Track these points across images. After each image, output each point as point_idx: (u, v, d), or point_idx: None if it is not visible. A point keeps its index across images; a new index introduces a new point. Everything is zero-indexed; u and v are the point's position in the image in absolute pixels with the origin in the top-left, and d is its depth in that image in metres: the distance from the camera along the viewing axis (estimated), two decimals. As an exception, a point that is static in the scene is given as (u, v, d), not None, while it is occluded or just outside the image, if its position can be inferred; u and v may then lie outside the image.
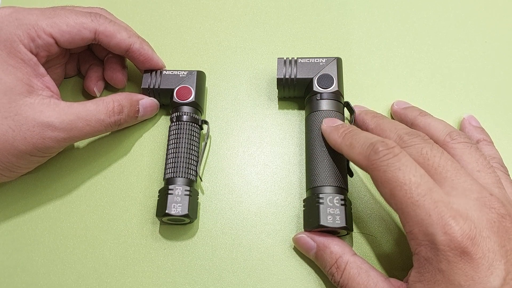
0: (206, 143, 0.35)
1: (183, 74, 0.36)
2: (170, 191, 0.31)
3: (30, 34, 0.30)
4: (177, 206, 0.31)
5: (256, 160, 0.36)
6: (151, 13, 0.43)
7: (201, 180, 0.35)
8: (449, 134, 0.29)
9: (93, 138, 0.37)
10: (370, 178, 0.27)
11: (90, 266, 0.32)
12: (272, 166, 0.36)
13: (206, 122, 0.36)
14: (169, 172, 0.33)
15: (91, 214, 0.34)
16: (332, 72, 0.35)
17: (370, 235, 0.33)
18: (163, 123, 0.37)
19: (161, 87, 0.36)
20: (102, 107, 0.32)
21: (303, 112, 0.37)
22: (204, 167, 0.36)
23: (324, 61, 0.35)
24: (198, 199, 0.34)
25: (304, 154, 0.35)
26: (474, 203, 0.24)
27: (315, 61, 0.35)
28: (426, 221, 0.23)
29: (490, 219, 0.23)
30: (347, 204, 0.30)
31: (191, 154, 0.33)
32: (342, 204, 0.30)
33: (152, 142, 0.37)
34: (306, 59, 0.35)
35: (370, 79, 0.39)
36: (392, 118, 0.37)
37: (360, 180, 0.35)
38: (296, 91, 0.36)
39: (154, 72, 0.36)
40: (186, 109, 0.35)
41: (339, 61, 0.36)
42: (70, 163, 0.36)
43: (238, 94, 0.39)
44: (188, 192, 0.32)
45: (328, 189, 0.31)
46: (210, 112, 0.38)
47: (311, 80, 0.35)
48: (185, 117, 0.34)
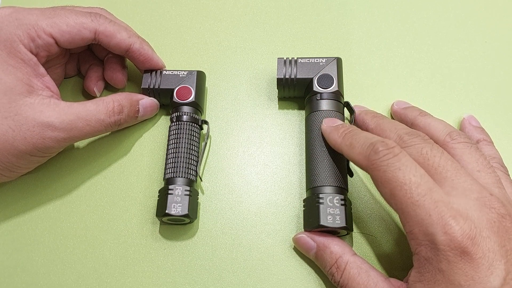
0: (206, 143, 0.35)
1: (183, 74, 0.36)
2: (170, 191, 0.31)
3: (30, 34, 0.30)
4: (177, 206, 0.31)
5: (256, 160, 0.36)
6: (151, 13, 0.43)
7: (201, 180, 0.35)
8: (449, 134, 0.29)
9: (93, 138, 0.37)
10: (370, 178, 0.27)
11: (90, 266, 0.32)
12: (272, 166, 0.36)
13: (206, 122, 0.36)
14: (169, 172, 0.33)
15: (91, 214, 0.34)
16: (332, 72, 0.35)
17: (370, 235, 0.33)
18: (163, 123, 0.37)
19: (161, 87, 0.36)
20: (102, 107, 0.32)
21: (303, 112, 0.37)
22: (204, 167, 0.36)
23: (324, 61, 0.35)
24: (198, 199, 0.34)
25: (304, 154, 0.35)
26: (474, 203, 0.24)
27: (315, 61, 0.35)
28: (426, 221, 0.23)
29: (490, 219, 0.23)
30: (347, 204, 0.30)
31: (191, 154, 0.33)
32: (342, 204, 0.30)
33: (152, 142, 0.37)
34: (306, 59, 0.35)
35: (370, 79, 0.39)
36: (392, 118, 0.37)
37: (360, 180, 0.35)
38: (296, 91, 0.36)
39: (154, 72, 0.36)
40: (186, 109, 0.35)
41: (339, 61, 0.36)
42: (70, 163, 0.36)
43: (238, 94, 0.39)
44: (188, 192, 0.32)
45: (328, 189, 0.31)
46: (210, 112, 0.38)
47: (311, 80, 0.35)
48: (185, 117, 0.34)
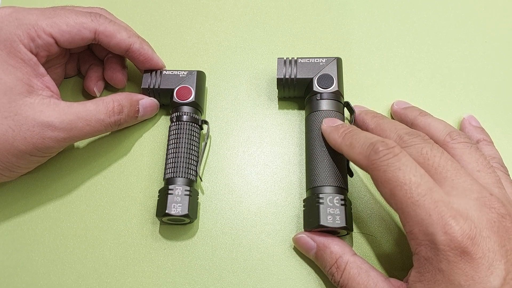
0: (206, 143, 0.35)
1: (183, 74, 0.36)
2: (170, 191, 0.31)
3: (30, 34, 0.30)
4: (177, 206, 0.31)
5: (256, 160, 0.36)
6: (151, 13, 0.43)
7: (201, 180, 0.35)
8: (449, 134, 0.29)
9: (93, 138, 0.37)
10: (370, 178, 0.27)
11: (90, 266, 0.32)
12: (272, 166, 0.36)
13: (206, 122, 0.36)
14: (169, 172, 0.33)
15: (91, 214, 0.34)
16: (332, 72, 0.35)
17: (370, 235, 0.33)
18: (163, 123, 0.37)
19: (161, 87, 0.36)
20: (102, 107, 0.32)
21: (303, 112, 0.37)
22: (204, 167, 0.36)
23: (324, 61, 0.35)
24: (198, 199, 0.34)
25: (304, 154, 0.35)
26: (474, 203, 0.24)
27: (315, 61, 0.35)
28: (426, 221, 0.23)
29: (490, 219, 0.23)
30: (347, 204, 0.30)
31: (191, 154, 0.33)
32: (342, 204, 0.30)
33: (152, 142, 0.37)
34: (306, 59, 0.35)
35: (370, 79, 0.39)
36: (392, 118, 0.37)
37: (360, 180, 0.35)
38: (296, 91, 0.36)
39: (154, 72, 0.36)
40: (186, 109, 0.35)
41: (339, 61, 0.36)
42: (70, 163, 0.36)
43: (238, 94, 0.39)
44: (188, 192, 0.32)
45: (328, 189, 0.31)
46: (210, 112, 0.38)
47: (311, 80, 0.35)
48: (185, 117, 0.34)
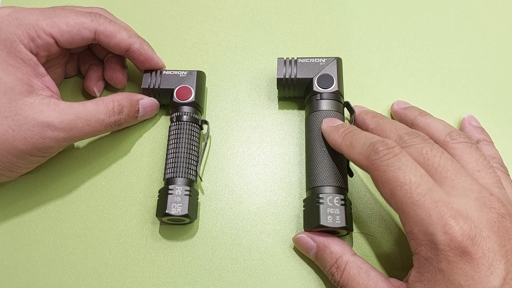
0: (206, 143, 0.35)
1: (183, 74, 0.36)
2: (170, 191, 0.31)
3: (30, 34, 0.30)
4: (177, 206, 0.31)
5: (256, 160, 0.36)
6: (151, 13, 0.43)
7: (201, 180, 0.35)
8: (449, 134, 0.29)
9: (93, 138, 0.37)
10: (370, 178, 0.27)
11: (90, 266, 0.32)
12: (272, 166, 0.36)
13: (206, 122, 0.36)
14: (169, 172, 0.33)
15: (91, 214, 0.34)
16: (332, 72, 0.35)
17: (370, 235, 0.33)
18: (163, 123, 0.37)
19: (161, 87, 0.36)
20: (102, 107, 0.32)
21: (303, 112, 0.37)
22: (204, 167, 0.36)
23: (324, 61, 0.35)
24: (198, 199, 0.34)
25: (304, 154, 0.35)
26: (474, 203, 0.24)
27: (315, 61, 0.35)
28: (426, 221, 0.23)
29: (490, 219, 0.23)
30: (347, 204, 0.30)
31: (191, 154, 0.33)
32: (342, 204, 0.30)
33: (152, 142, 0.37)
34: (306, 59, 0.35)
35: (370, 79, 0.39)
36: (392, 118, 0.37)
37: (360, 180, 0.35)
38: (296, 91, 0.36)
39: (154, 72, 0.36)
40: (186, 109, 0.35)
41: (339, 61, 0.36)
42: (70, 163, 0.36)
43: (238, 94, 0.39)
44: (188, 192, 0.32)
45: (328, 189, 0.31)
46: (210, 112, 0.38)
47: (311, 80, 0.35)
48: (185, 117, 0.34)
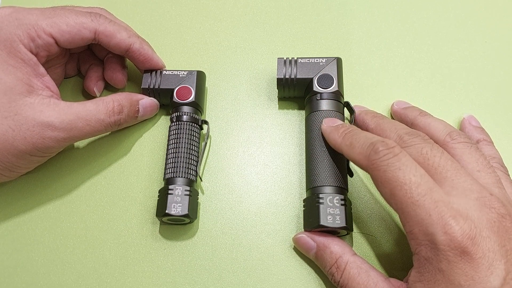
0: (206, 143, 0.35)
1: (183, 74, 0.36)
2: (170, 191, 0.31)
3: (30, 34, 0.30)
4: (177, 206, 0.31)
5: (256, 160, 0.36)
6: (151, 13, 0.43)
7: (201, 180, 0.35)
8: (449, 134, 0.29)
9: (93, 138, 0.37)
10: (370, 178, 0.27)
11: (90, 266, 0.32)
12: (272, 166, 0.36)
13: (206, 122, 0.36)
14: (169, 172, 0.33)
15: (91, 214, 0.34)
16: (332, 72, 0.35)
17: (370, 235, 0.33)
18: (163, 123, 0.37)
19: (161, 87, 0.36)
20: (102, 107, 0.32)
21: (303, 112, 0.37)
22: (204, 167, 0.36)
23: (324, 61, 0.35)
24: (198, 199, 0.34)
25: (304, 154, 0.35)
26: (474, 203, 0.24)
27: (315, 61, 0.35)
28: (426, 221, 0.23)
29: (490, 219, 0.23)
30: (347, 204, 0.30)
31: (191, 154, 0.33)
32: (342, 204, 0.30)
33: (152, 142, 0.37)
34: (306, 59, 0.35)
35: (370, 79, 0.39)
36: (392, 118, 0.37)
37: (360, 180, 0.35)
38: (296, 91, 0.36)
39: (154, 72, 0.36)
40: (186, 109, 0.35)
41: (339, 61, 0.36)
42: (70, 163, 0.36)
43: (238, 94, 0.39)
44: (188, 192, 0.32)
45: (328, 189, 0.31)
46: (210, 112, 0.38)
47: (311, 80, 0.35)
48: (185, 117, 0.34)
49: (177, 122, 0.34)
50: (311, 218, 0.30)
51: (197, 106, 0.36)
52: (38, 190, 0.35)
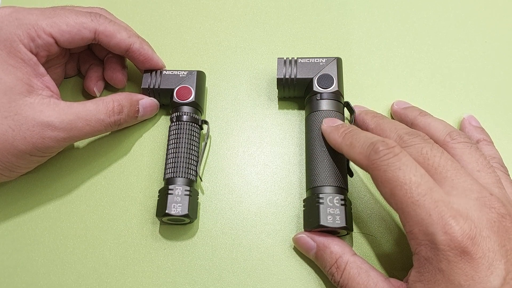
0: (206, 143, 0.35)
1: (183, 74, 0.36)
2: (170, 191, 0.31)
3: (30, 34, 0.30)
4: (177, 206, 0.31)
5: (256, 160, 0.36)
6: (151, 13, 0.43)
7: (201, 180, 0.35)
8: (449, 134, 0.29)
9: (93, 138, 0.37)
10: (370, 178, 0.27)
11: (90, 266, 0.32)
12: (272, 166, 0.36)
13: (206, 122, 0.36)
14: (169, 172, 0.33)
15: (91, 214, 0.34)
16: (332, 72, 0.35)
17: (370, 235, 0.33)
18: (163, 123, 0.37)
19: (161, 87, 0.36)
20: (102, 107, 0.32)
21: (303, 112, 0.37)
22: (204, 167, 0.36)
23: (324, 61, 0.35)
24: (198, 199, 0.34)
25: (304, 154, 0.35)
26: (474, 203, 0.24)
27: (315, 61, 0.35)
28: (426, 221, 0.23)
29: (490, 219, 0.23)
30: (347, 204, 0.30)
31: (191, 154, 0.33)
32: (342, 204, 0.30)
33: (152, 142, 0.37)
34: (306, 59, 0.35)
35: (370, 79, 0.39)
36: (392, 118, 0.37)
37: (360, 180, 0.35)
38: (296, 91, 0.36)
39: (154, 72, 0.36)
40: (186, 109, 0.35)
41: (339, 61, 0.36)
42: (70, 163, 0.36)
43: (238, 94, 0.39)
44: (188, 192, 0.32)
45: (328, 189, 0.31)
46: (210, 112, 0.38)
47: (311, 80, 0.35)
48: (185, 117, 0.34)
49: (177, 122, 0.34)
50: (311, 218, 0.30)
51: (197, 106, 0.36)
52: (38, 190, 0.35)
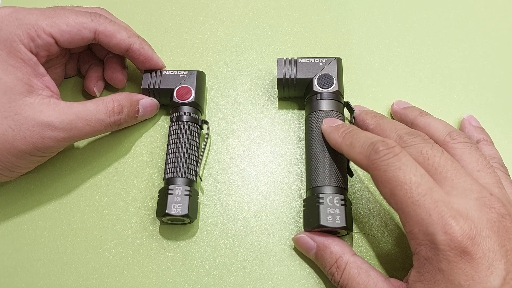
0: (206, 143, 0.35)
1: (183, 74, 0.36)
2: (170, 191, 0.31)
3: (30, 34, 0.30)
4: (177, 206, 0.31)
5: (256, 160, 0.36)
6: (151, 13, 0.43)
7: (201, 180, 0.35)
8: (449, 134, 0.29)
9: (93, 138, 0.37)
10: (370, 178, 0.27)
11: (90, 266, 0.32)
12: (272, 166, 0.35)
13: (206, 122, 0.36)
14: (169, 172, 0.33)
15: (91, 214, 0.34)
16: (332, 72, 0.35)
17: (370, 235, 0.33)
18: (163, 123, 0.37)
19: (161, 87, 0.36)
20: (102, 107, 0.32)
21: (303, 112, 0.37)
22: (204, 167, 0.36)
23: (324, 61, 0.35)
24: (198, 199, 0.34)
25: (304, 154, 0.35)
26: (474, 203, 0.24)
27: (315, 61, 0.35)
28: (426, 221, 0.23)
29: (490, 219, 0.23)
30: (347, 204, 0.30)
31: (191, 154, 0.33)
32: (342, 204, 0.30)
33: (152, 142, 0.37)
34: (306, 59, 0.35)
35: (370, 79, 0.39)
36: (392, 118, 0.37)
37: (360, 180, 0.35)
38: (296, 91, 0.36)
39: (154, 72, 0.36)
40: (186, 109, 0.35)
41: (339, 61, 0.36)
42: (70, 163, 0.36)
43: (238, 94, 0.39)
44: (188, 192, 0.32)
45: (328, 189, 0.31)
46: (210, 112, 0.38)
47: (311, 80, 0.35)
48: (185, 117, 0.34)
49: (177, 122, 0.34)
50: (311, 218, 0.30)
51: (197, 106, 0.36)
52: (38, 190, 0.35)
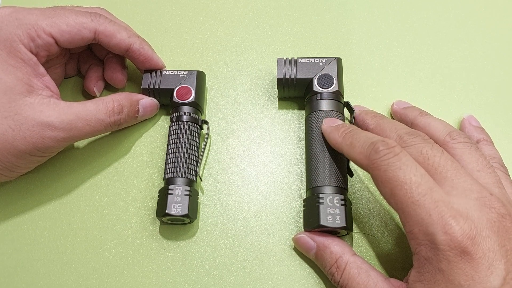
0: (206, 143, 0.35)
1: (183, 74, 0.36)
2: (170, 191, 0.31)
3: (30, 34, 0.30)
4: (177, 206, 0.31)
5: (256, 160, 0.36)
6: (151, 13, 0.43)
7: (201, 180, 0.35)
8: (449, 134, 0.29)
9: (93, 138, 0.37)
10: (370, 178, 0.27)
11: (90, 266, 0.32)
12: (272, 166, 0.35)
13: (206, 122, 0.36)
14: (169, 172, 0.33)
15: (91, 214, 0.34)
16: (332, 72, 0.35)
17: (370, 235, 0.33)
18: (163, 123, 0.37)
19: (161, 87, 0.36)
20: (102, 107, 0.32)
21: (303, 112, 0.37)
22: (204, 167, 0.36)
23: (324, 61, 0.35)
24: (198, 199, 0.34)
25: (304, 154, 0.35)
26: (474, 203, 0.24)
27: (315, 61, 0.35)
28: (426, 221, 0.23)
29: (490, 219, 0.23)
30: (347, 204, 0.30)
31: (191, 154, 0.33)
32: (342, 204, 0.30)
33: (152, 142, 0.37)
34: (306, 59, 0.35)
35: (370, 79, 0.39)
36: (392, 118, 0.37)
37: (360, 180, 0.35)
38: (296, 91, 0.36)
39: (154, 72, 0.36)
40: (186, 109, 0.35)
41: (339, 61, 0.36)
42: (70, 163, 0.36)
43: (238, 94, 0.39)
44: (188, 192, 0.32)
45: (328, 189, 0.31)
46: (210, 112, 0.38)
47: (311, 80, 0.35)
48: (185, 117, 0.34)
49: (177, 122, 0.34)
50: (311, 218, 0.30)
51: (197, 106, 0.36)
52: (38, 190, 0.35)
